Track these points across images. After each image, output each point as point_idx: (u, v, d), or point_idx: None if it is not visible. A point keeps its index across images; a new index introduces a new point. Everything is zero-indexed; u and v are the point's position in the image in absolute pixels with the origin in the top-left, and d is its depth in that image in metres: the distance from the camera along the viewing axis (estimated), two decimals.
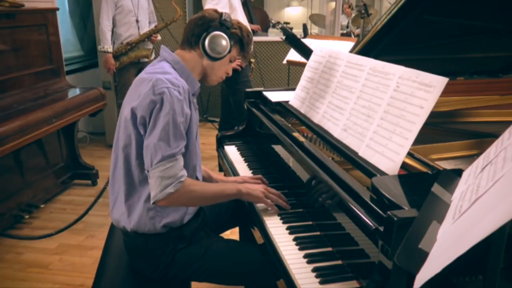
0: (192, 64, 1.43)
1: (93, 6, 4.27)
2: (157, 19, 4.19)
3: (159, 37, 4.08)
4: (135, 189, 1.38)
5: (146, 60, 3.96)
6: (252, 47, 1.56)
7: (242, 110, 3.11)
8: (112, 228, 1.66)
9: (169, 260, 1.39)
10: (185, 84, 1.35)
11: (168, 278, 1.42)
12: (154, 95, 1.27)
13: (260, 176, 1.63)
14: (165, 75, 1.32)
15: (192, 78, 1.42)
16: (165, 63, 1.40)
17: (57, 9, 3.28)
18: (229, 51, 1.42)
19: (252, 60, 4.15)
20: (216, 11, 1.45)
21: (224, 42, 1.40)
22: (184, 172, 1.32)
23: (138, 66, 3.95)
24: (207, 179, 1.67)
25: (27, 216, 2.83)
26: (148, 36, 3.91)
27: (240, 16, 3.18)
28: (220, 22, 1.41)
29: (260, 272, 1.38)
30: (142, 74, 1.37)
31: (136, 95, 1.32)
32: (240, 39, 1.45)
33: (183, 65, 1.41)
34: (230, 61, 1.49)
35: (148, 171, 1.30)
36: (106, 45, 3.75)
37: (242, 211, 1.51)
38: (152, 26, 4.02)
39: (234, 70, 3.12)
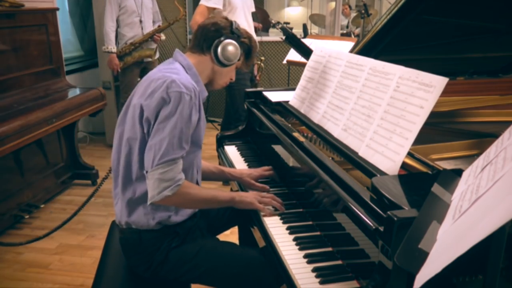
0: (201, 68, 1.48)
1: (93, 6, 4.27)
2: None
3: (163, 37, 4.10)
4: (131, 183, 1.40)
5: (150, 59, 4.01)
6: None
7: (239, 111, 3.02)
8: (112, 228, 1.66)
9: (163, 258, 1.40)
10: (197, 88, 1.39)
11: (161, 276, 1.42)
12: (166, 95, 1.31)
13: (270, 167, 1.69)
14: (180, 77, 1.35)
15: (201, 84, 1.47)
16: (180, 65, 1.44)
17: (57, 9, 3.28)
18: (239, 59, 1.48)
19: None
20: (226, 18, 1.51)
21: (236, 50, 1.45)
22: (182, 176, 1.34)
23: (142, 65, 3.99)
24: (219, 175, 1.72)
25: (27, 216, 2.83)
26: (151, 36, 3.92)
27: (241, 15, 3.14)
28: (232, 31, 1.46)
29: (255, 274, 1.37)
30: (156, 72, 1.39)
31: (148, 92, 1.34)
32: (248, 48, 1.52)
33: (195, 71, 1.45)
34: (236, 68, 1.55)
35: (147, 172, 1.32)
36: (110, 45, 3.78)
37: (241, 210, 1.51)
38: (156, 25, 4.03)
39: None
